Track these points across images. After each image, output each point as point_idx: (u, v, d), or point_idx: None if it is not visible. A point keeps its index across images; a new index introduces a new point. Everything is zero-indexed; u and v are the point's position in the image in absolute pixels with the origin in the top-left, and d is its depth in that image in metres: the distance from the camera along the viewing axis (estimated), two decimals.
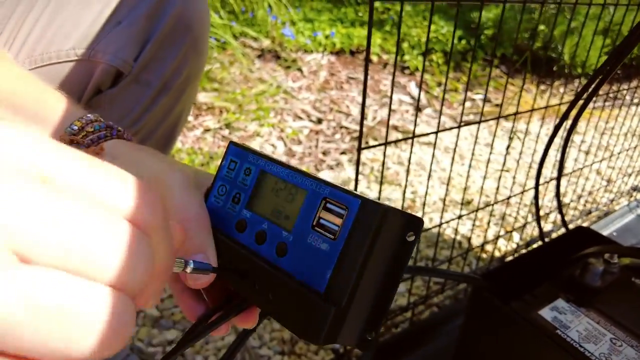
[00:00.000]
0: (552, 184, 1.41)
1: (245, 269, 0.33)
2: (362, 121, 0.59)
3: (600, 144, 1.56)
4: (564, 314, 0.59)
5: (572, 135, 0.77)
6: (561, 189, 1.21)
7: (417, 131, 1.99)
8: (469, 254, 1.21)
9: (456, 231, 0.98)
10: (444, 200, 1.06)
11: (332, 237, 0.29)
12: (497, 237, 1.10)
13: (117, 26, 0.57)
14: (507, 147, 0.90)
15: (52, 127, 0.46)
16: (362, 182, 1.64)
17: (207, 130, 1.86)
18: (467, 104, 2.34)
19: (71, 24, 0.56)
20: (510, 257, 1.20)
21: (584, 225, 1.05)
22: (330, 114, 2.11)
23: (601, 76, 0.77)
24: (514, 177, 1.09)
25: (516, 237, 1.33)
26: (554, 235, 1.29)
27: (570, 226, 1.02)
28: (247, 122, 1.95)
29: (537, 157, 1.13)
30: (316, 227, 0.30)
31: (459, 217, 0.93)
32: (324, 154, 1.83)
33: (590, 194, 1.46)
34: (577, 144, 1.72)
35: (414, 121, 2.10)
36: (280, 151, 1.81)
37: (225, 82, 2.16)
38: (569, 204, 1.42)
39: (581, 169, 1.27)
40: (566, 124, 0.84)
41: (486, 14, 2.62)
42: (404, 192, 0.83)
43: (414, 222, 0.30)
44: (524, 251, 1.24)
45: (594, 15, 1.90)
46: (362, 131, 0.63)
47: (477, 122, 0.78)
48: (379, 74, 2.46)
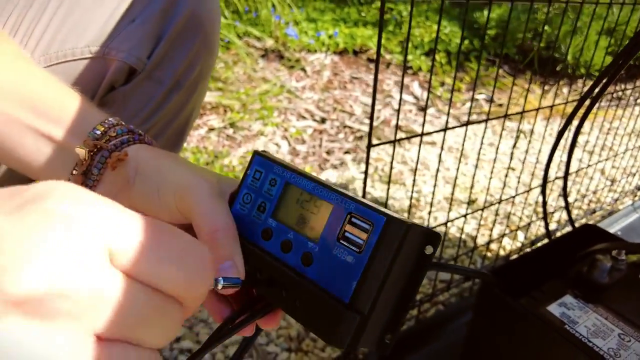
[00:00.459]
0: (556, 184, 1.41)
1: (271, 276, 0.35)
2: (372, 116, 0.60)
3: (604, 144, 1.57)
4: (572, 310, 0.60)
5: (579, 134, 0.77)
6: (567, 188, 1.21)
7: (421, 131, 2.00)
8: (474, 252, 1.22)
9: (462, 230, 0.98)
10: (450, 198, 1.06)
11: (358, 250, 0.31)
12: (502, 236, 1.11)
13: (131, 24, 0.57)
14: (514, 145, 0.90)
15: (74, 130, 0.46)
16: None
17: (211, 129, 1.87)
18: (469, 105, 2.35)
19: (85, 21, 0.57)
20: (515, 256, 1.21)
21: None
22: (333, 113, 2.12)
23: (608, 77, 0.78)
24: (519, 177, 1.10)
25: (521, 236, 1.33)
26: (559, 234, 1.30)
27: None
28: (251, 121, 1.96)
29: (541, 158, 1.13)
30: (341, 240, 0.32)
31: (465, 215, 0.93)
32: (328, 153, 1.84)
33: (594, 193, 1.46)
34: (582, 144, 1.72)
35: (417, 121, 2.10)
36: (284, 150, 1.81)
37: (229, 81, 2.17)
38: (573, 204, 1.42)
39: (587, 168, 1.28)
40: (570, 126, 0.85)
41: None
42: (412, 191, 0.83)
43: (433, 237, 0.32)
44: (529, 250, 1.24)
45: (598, 15, 1.90)
46: (372, 126, 0.64)
47: (484, 121, 0.79)
48: (382, 73, 2.47)
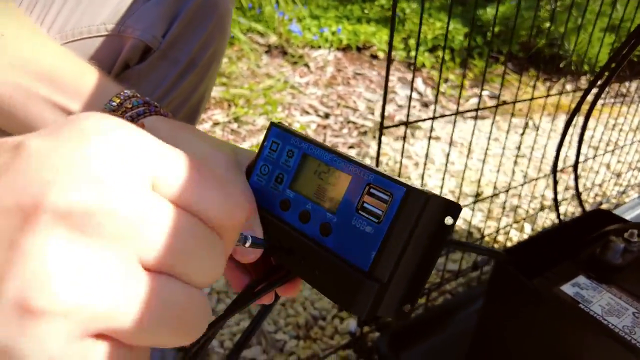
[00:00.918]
0: (562, 179, 1.41)
1: (290, 245, 0.35)
2: (385, 96, 0.60)
3: (609, 140, 1.57)
4: (585, 290, 0.60)
5: (590, 116, 0.77)
6: (570, 183, 1.21)
7: (426, 125, 2.00)
8: (482, 243, 1.22)
9: (469, 223, 0.98)
10: (459, 191, 1.06)
11: (377, 220, 0.31)
12: (510, 225, 1.11)
13: (147, 2, 0.57)
14: (522, 133, 0.90)
15: (91, 102, 0.47)
16: None
17: (216, 123, 1.87)
18: (474, 100, 2.35)
19: (101, 0, 0.57)
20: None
21: None
22: (337, 109, 2.12)
23: (615, 63, 0.78)
24: (525, 172, 1.10)
25: (527, 228, 1.33)
26: None
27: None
28: (255, 116, 1.96)
29: (547, 153, 1.14)
30: (360, 211, 0.32)
31: (474, 202, 0.94)
32: None
33: (600, 186, 1.46)
34: (586, 140, 1.73)
35: (421, 116, 2.10)
36: None
37: (233, 76, 2.17)
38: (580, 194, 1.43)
39: (594, 158, 1.28)
40: (577, 120, 0.85)
41: (492, 11, 2.63)
42: (421, 183, 0.83)
43: (453, 208, 0.33)
44: (540, 232, 1.24)
45: (602, 12, 1.90)
46: (384, 106, 0.64)
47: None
48: (384, 70, 2.47)
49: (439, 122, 2.11)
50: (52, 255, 0.16)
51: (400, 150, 1.82)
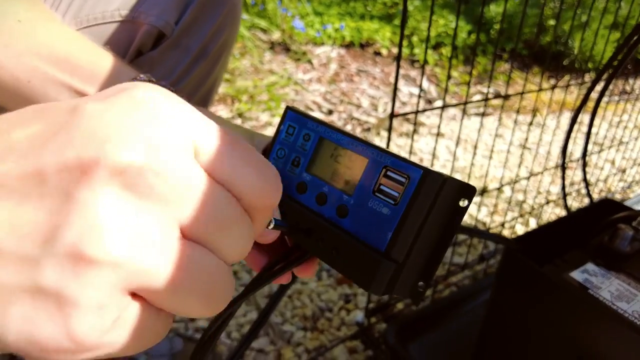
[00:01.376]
0: (567, 174, 1.41)
1: (308, 227, 0.36)
2: (396, 83, 0.60)
3: (614, 136, 1.57)
4: (594, 277, 0.60)
5: (598, 107, 0.78)
6: (574, 178, 1.21)
7: (429, 122, 2.01)
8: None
9: (475, 219, 0.99)
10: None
11: (393, 202, 0.32)
12: (515, 219, 1.11)
13: None
14: (530, 124, 0.91)
15: (108, 86, 0.47)
16: None
17: None
18: (477, 97, 2.35)
19: None
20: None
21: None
22: (340, 105, 2.12)
23: (620, 57, 0.78)
24: (531, 168, 1.10)
25: (532, 222, 1.34)
26: None
27: None
28: (258, 112, 1.97)
29: (552, 150, 1.14)
30: (377, 193, 0.33)
31: (481, 193, 0.94)
32: None
33: (604, 182, 1.47)
34: (591, 136, 1.73)
35: (424, 113, 2.11)
36: None
37: (236, 72, 2.18)
38: (582, 191, 1.43)
39: (599, 153, 1.28)
40: (581, 118, 0.86)
41: (495, 9, 2.63)
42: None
43: (468, 190, 0.33)
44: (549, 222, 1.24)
45: (608, 9, 1.91)
46: (395, 95, 0.65)
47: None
48: (389, 67, 2.47)
49: (443, 119, 2.11)
50: (107, 208, 0.17)
51: (404, 146, 1.82)
